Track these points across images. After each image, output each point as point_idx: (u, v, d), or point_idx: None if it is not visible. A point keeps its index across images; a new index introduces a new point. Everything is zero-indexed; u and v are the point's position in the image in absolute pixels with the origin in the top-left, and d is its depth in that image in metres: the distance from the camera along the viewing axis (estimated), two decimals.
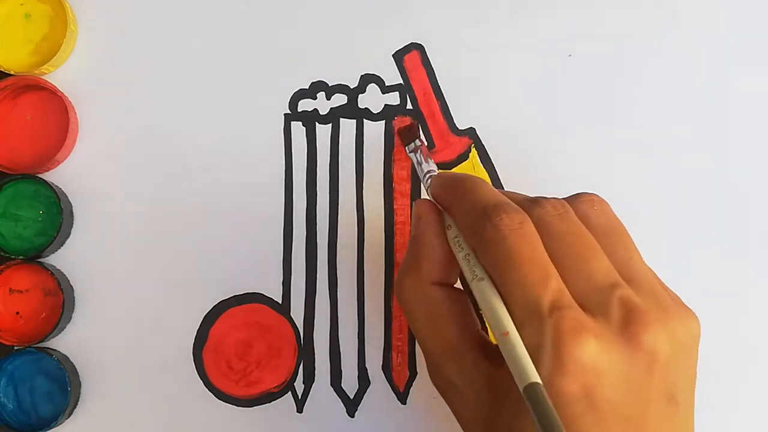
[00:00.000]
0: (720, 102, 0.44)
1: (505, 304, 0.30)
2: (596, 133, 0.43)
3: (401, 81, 0.44)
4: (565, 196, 0.34)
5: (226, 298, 0.43)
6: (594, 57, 0.44)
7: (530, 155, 0.43)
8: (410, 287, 0.34)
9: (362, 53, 0.44)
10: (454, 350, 0.33)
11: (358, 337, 0.43)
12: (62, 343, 0.42)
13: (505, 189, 0.43)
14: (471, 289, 0.32)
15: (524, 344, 0.28)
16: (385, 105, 0.43)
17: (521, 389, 0.27)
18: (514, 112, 0.43)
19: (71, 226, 0.43)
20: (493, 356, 0.32)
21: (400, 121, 0.43)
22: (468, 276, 0.32)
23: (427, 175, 0.39)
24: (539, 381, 0.27)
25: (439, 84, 0.43)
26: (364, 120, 0.43)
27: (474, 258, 0.32)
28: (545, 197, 0.33)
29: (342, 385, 0.42)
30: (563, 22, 0.44)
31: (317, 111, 0.44)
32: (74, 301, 0.43)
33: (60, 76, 0.43)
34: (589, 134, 0.43)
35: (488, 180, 0.43)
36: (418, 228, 0.35)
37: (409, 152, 0.41)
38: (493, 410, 0.31)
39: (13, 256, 0.41)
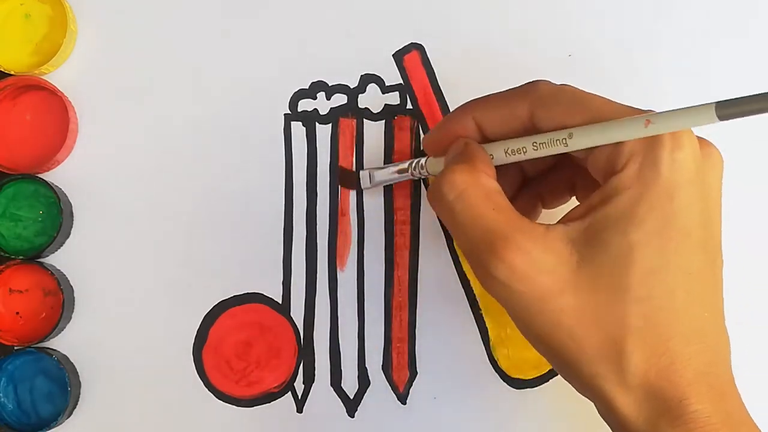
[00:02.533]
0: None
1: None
2: None
3: (401, 81, 0.44)
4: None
5: (226, 298, 0.43)
6: (594, 57, 0.44)
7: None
8: (462, 177, 0.33)
9: (362, 53, 0.44)
10: (520, 223, 0.32)
11: (358, 337, 0.43)
12: (62, 343, 0.42)
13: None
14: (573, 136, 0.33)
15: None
16: (385, 105, 0.43)
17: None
18: None
19: (71, 226, 0.43)
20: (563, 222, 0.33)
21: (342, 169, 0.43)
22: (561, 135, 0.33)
23: (420, 162, 0.39)
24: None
25: (439, 84, 0.43)
26: (364, 120, 0.43)
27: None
28: None
29: (342, 385, 0.42)
30: (563, 22, 0.44)
31: (317, 111, 0.44)
32: (74, 301, 0.43)
33: (60, 76, 0.43)
34: None
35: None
36: (464, 142, 0.35)
37: (413, 172, 0.40)
38: (584, 255, 0.31)
39: (13, 256, 0.41)
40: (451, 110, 0.43)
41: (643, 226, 0.31)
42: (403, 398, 0.42)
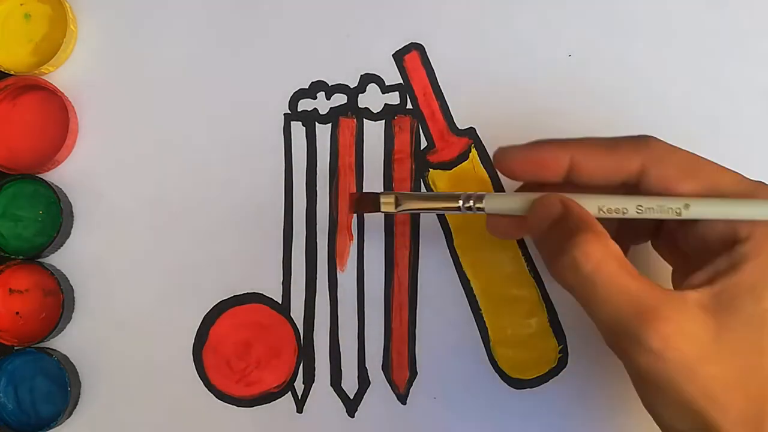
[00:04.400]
0: (722, 101, 0.44)
1: None
2: (596, 133, 0.43)
3: (401, 81, 0.44)
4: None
5: (226, 298, 0.43)
6: (594, 57, 0.44)
7: None
8: (596, 248, 0.32)
9: (362, 53, 0.44)
10: (660, 291, 0.32)
11: (358, 337, 0.43)
12: (62, 343, 0.42)
13: (506, 191, 0.43)
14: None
15: None
16: (385, 105, 0.43)
17: None
18: (514, 112, 0.43)
19: (71, 226, 0.43)
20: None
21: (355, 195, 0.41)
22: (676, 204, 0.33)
23: (477, 196, 0.36)
24: None
25: (439, 84, 0.44)
26: (364, 120, 0.43)
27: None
28: None
29: (342, 385, 0.42)
30: (563, 22, 0.44)
31: (317, 111, 0.44)
32: (74, 301, 0.43)
33: (60, 76, 0.43)
34: (589, 134, 0.43)
35: (488, 181, 0.43)
36: (559, 201, 0.34)
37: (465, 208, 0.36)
38: (721, 322, 0.32)
39: (13, 256, 0.41)
40: (451, 110, 0.43)
41: None
42: (403, 398, 0.42)
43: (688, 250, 0.36)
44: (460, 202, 0.35)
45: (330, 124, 0.44)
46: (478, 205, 0.35)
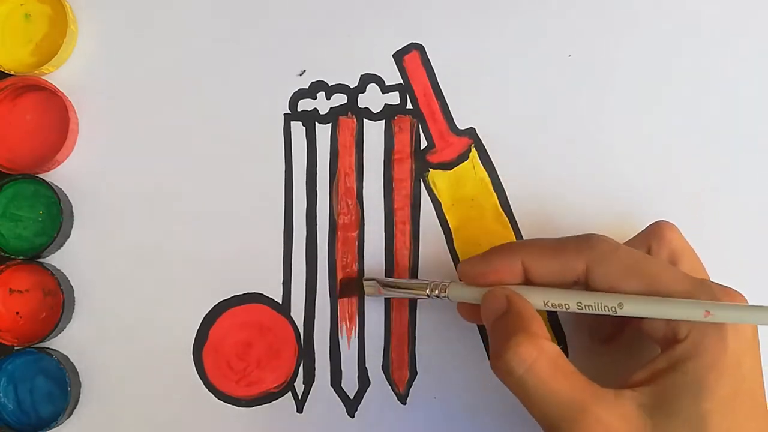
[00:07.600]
0: (724, 102, 0.44)
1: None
2: (596, 133, 0.43)
3: (401, 81, 0.44)
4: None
5: (226, 298, 0.43)
6: (594, 57, 0.44)
7: (530, 155, 0.43)
8: (527, 350, 0.33)
9: (362, 53, 0.44)
10: (592, 391, 0.33)
11: (358, 337, 0.43)
12: (62, 343, 0.42)
13: (506, 190, 0.43)
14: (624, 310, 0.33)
15: None
16: (385, 105, 0.43)
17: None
18: (514, 112, 0.43)
19: (71, 226, 0.43)
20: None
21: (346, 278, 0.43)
22: (611, 303, 0.34)
23: (441, 285, 0.39)
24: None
25: (439, 84, 0.44)
26: (364, 120, 0.43)
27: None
28: None
29: (342, 385, 0.42)
30: (563, 22, 0.44)
31: (317, 111, 0.44)
32: (74, 301, 0.43)
33: (60, 76, 0.43)
34: (589, 134, 0.43)
35: (488, 181, 0.43)
36: (504, 297, 0.35)
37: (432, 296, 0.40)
38: (657, 422, 0.32)
39: (13, 256, 0.41)
40: (451, 110, 0.43)
41: (715, 394, 0.31)
42: (403, 398, 0.42)
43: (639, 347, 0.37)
44: (428, 290, 0.39)
45: (330, 124, 0.44)
46: (443, 294, 0.39)
